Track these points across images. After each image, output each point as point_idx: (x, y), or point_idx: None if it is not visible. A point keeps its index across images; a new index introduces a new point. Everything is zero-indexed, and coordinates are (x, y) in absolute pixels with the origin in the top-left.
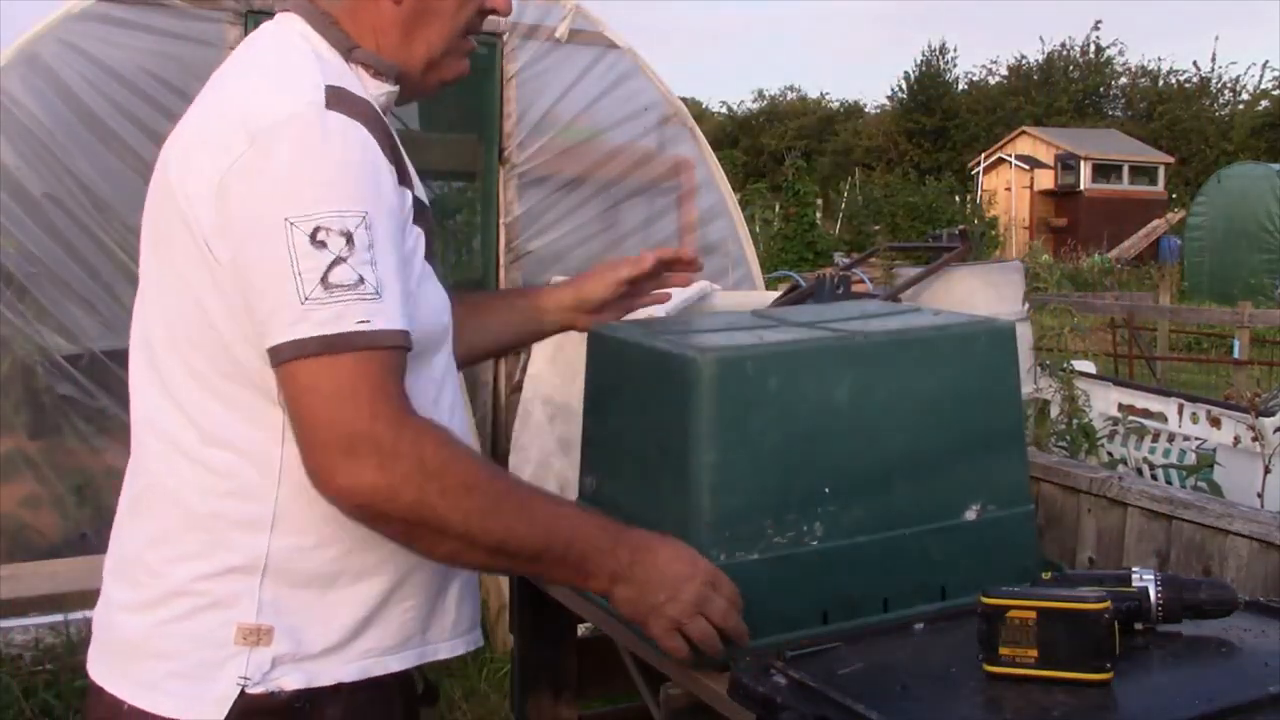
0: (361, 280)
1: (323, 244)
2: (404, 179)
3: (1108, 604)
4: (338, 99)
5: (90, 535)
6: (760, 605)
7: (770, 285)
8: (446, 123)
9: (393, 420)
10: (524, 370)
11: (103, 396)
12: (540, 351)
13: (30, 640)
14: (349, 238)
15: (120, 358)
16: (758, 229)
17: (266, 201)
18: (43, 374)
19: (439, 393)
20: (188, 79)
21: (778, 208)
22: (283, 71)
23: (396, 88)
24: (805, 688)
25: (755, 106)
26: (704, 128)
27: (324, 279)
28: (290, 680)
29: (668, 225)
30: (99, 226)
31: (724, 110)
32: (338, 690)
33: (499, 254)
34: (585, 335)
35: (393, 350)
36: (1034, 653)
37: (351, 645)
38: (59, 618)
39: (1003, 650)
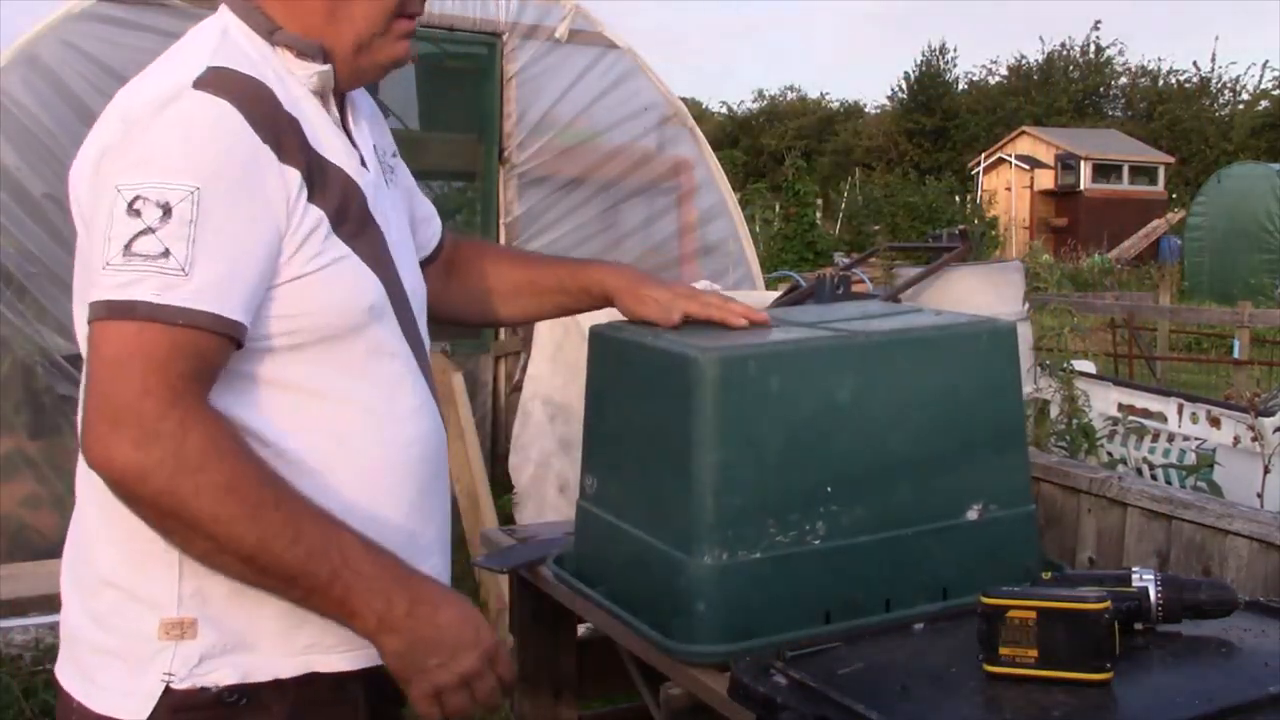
0: (166, 253)
1: (137, 212)
2: (286, 155)
3: (1107, 604)
4: (214, 78)
5: None
6: (762, 605)
7: (770, 285)
8: (446, 123)
9: (163, 400)
10: (524, 370)
11: None
12: (540, 351)
13: (30, 640)
14: (167, 209)
15: None
16: (758, 229)
17: (109, 174)
18: (43, 374)
19: (392, 388)
20: None
21: (778, 208)
22: (172, 58)
23: (327, 67)
24: (805, 688)
25: (755, 106)
26: (704, 128)
27: (127, 246)
28: (222, 675)
29: (668, 225)
30: None
31: (724, 110)
32: (279, 686)
33: None
34: (586, 334)
35: (190, 330)
36: (1034, 653)
37: (290, 639)
38: (58, 618)
39: (1003, 650)
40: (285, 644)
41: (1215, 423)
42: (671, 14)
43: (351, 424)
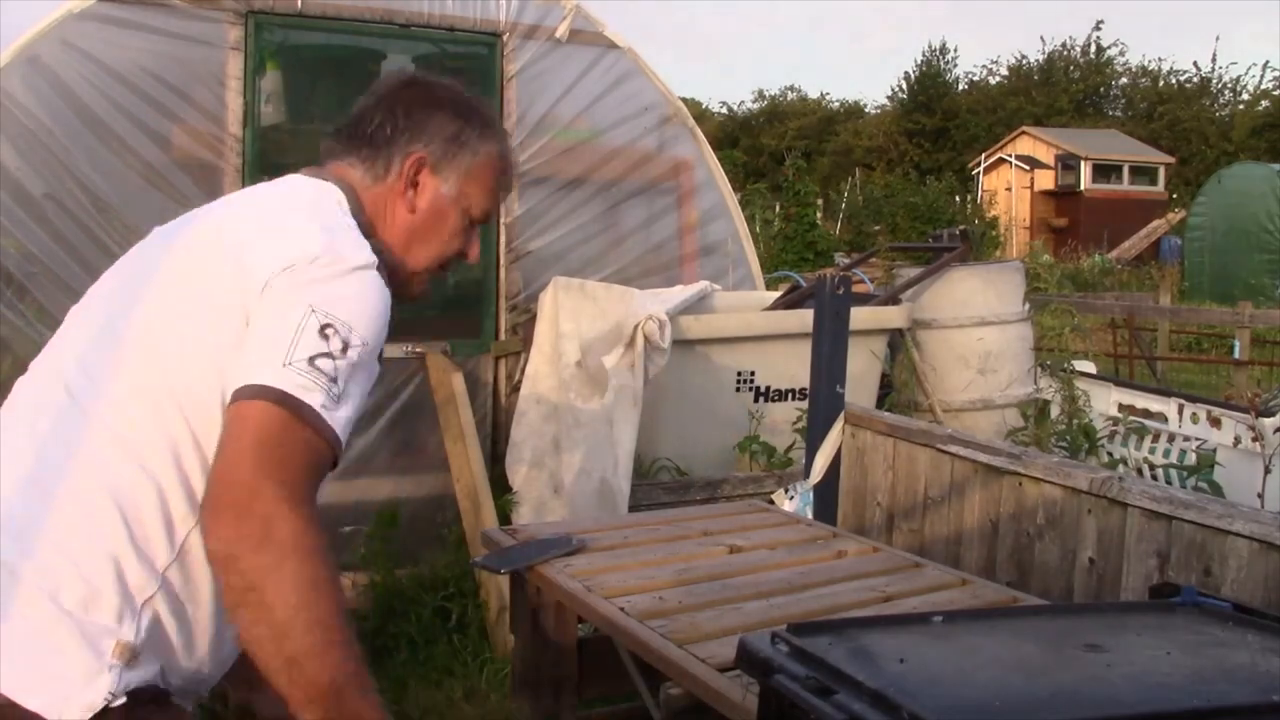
0: (335, 380)
1: (326, 337)
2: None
3: None
4: (380, 270)
5: None
6: None
7: (770, 285)
8: None
9: (281, 489)
10: (523, 370)
11: None
12: (539, 351)
13: None
14: (346, 346)
15: None
16: (758, 229)
17: (304, 289)
18: None
19: None
20: (188, 79)
21: (778, 208)
22: (344, 225)
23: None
24: (803, 654)
25: (755, 106)
26: (704, 128)
27: (312, 359)
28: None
29: (668, 225)
30: (99, 226)
31: (724, 110)
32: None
33: (499, 254)
34: (584, 332)
35: (323, 446)
36: None
37: (190, 682)
38: None
39: None
40: (187, 685)
41: (1216, 423)
42: (672, 14)
43: None
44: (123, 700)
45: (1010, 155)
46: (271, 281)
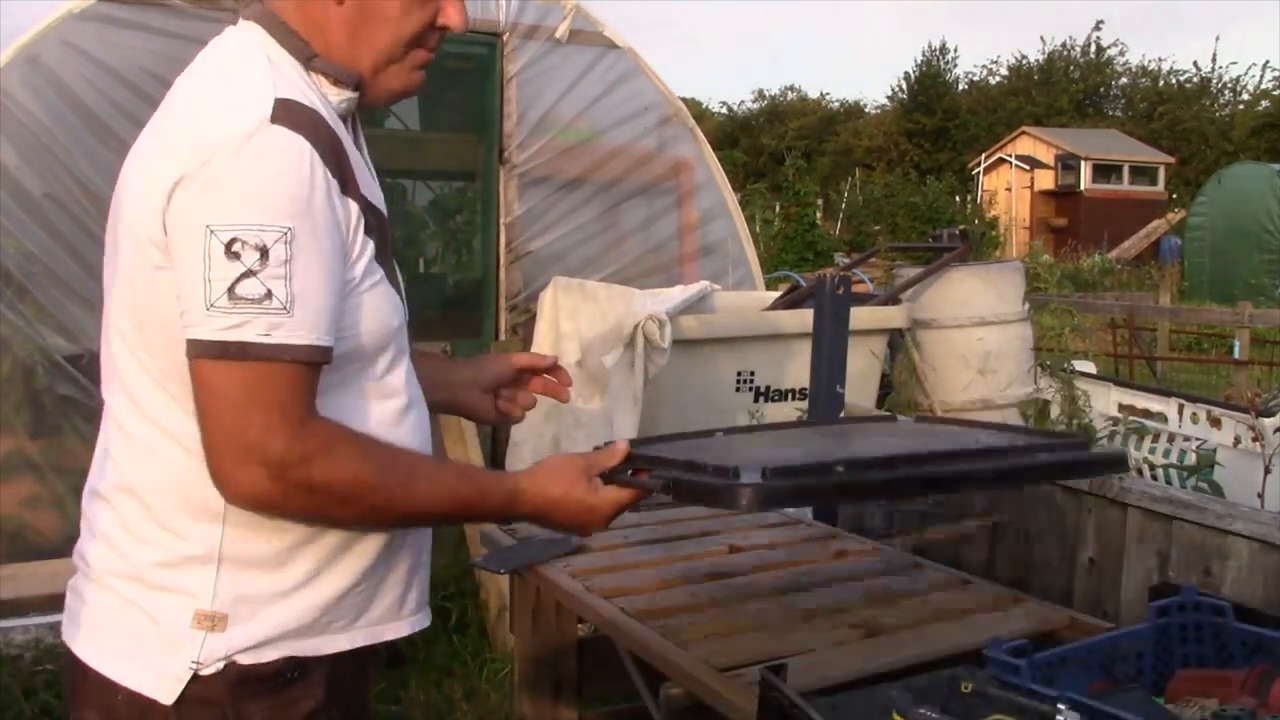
0: (269, 295)
1: (236, 255)
2: (348, 188)
3: None
4: (285, 111)
5: None
6: None
7: (770, 285)
8: (447, 123)
9: (285, 432)
10: None
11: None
12: (539, 349)
13: (30, 640)
14: (264, 252)
15: None
16: (758, 229)
17: (195, 209)
18: (43, 374)
19: (402, 405)
20: None
21: (778, 208)
22: (235, 85)
23: (356, 94)
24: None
25: (755, 106)
26: (704, 128)
27: (230, 289)
28: (244, 657)
29: (668, 225)
30: (99, 226)
31: (724, 110)
32: (317, 661)
33: (499, 254)
34: (584, 332)
35: (296, 365)
36: None
37: (312, 624)
38: (59, 618)
39: None
40: (300, 631)
41: (1216, 423)
42: (672, 14)
43: (394, 437)
44: (218, 668)
45: (1010, 155)
46: (165, 211)
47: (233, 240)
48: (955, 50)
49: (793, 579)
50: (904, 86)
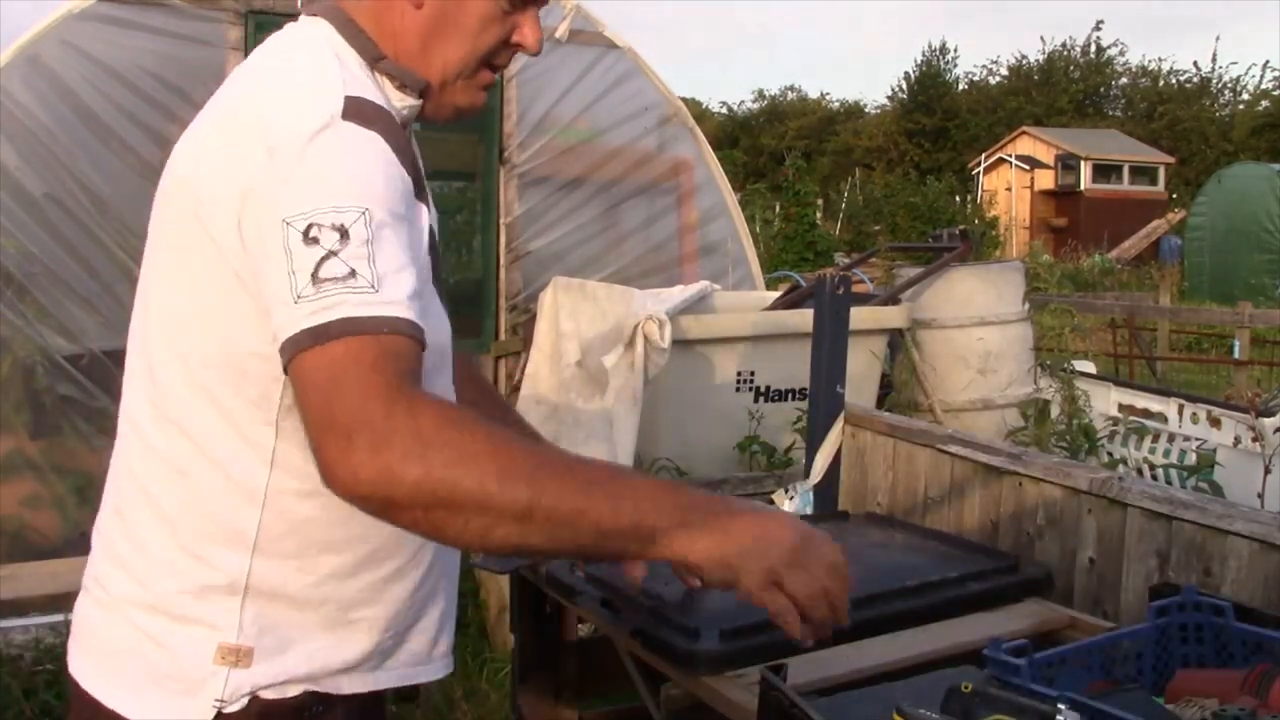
0: (354, 274)
1: (315, 240)
2: (420, 193)
3: None
4: (356, 110)
5: (90, 535)
6: None
7: (770, 285)
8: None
9: (385, 399)
10: (524, 370)
11: (103, 396)
12: (539, 351)
13: (30, 640)
14: (343, 232)
15: (120, 358)
16: (758, 229)
17: (271, 209)
18: (43, 374)
19: None
20: (188, 79)
21: (778, 208)
22: (304, 81)
23: (419, 102)
24: (597, 581)
25: (755, 106)
26: (704, 128)
27: (314, 275)
28: (265, 692)
29: (668, 225)
30: (99, 226)
31: (724, 110)
32: (342, 700)
33: (499, 254)
34: (584, 332)
35: (392, 336)
36: None
37: (340, 663)
38: (59, 618)
39: None
40: (322, 669)
41: (1216, 423)
42: (672, 13)
43: None
44: (242, 705)
45: (1010, 155)
46: (240, 213)
47: (309, 226)
48: (955, 50)
49: None
50: (904, 86)
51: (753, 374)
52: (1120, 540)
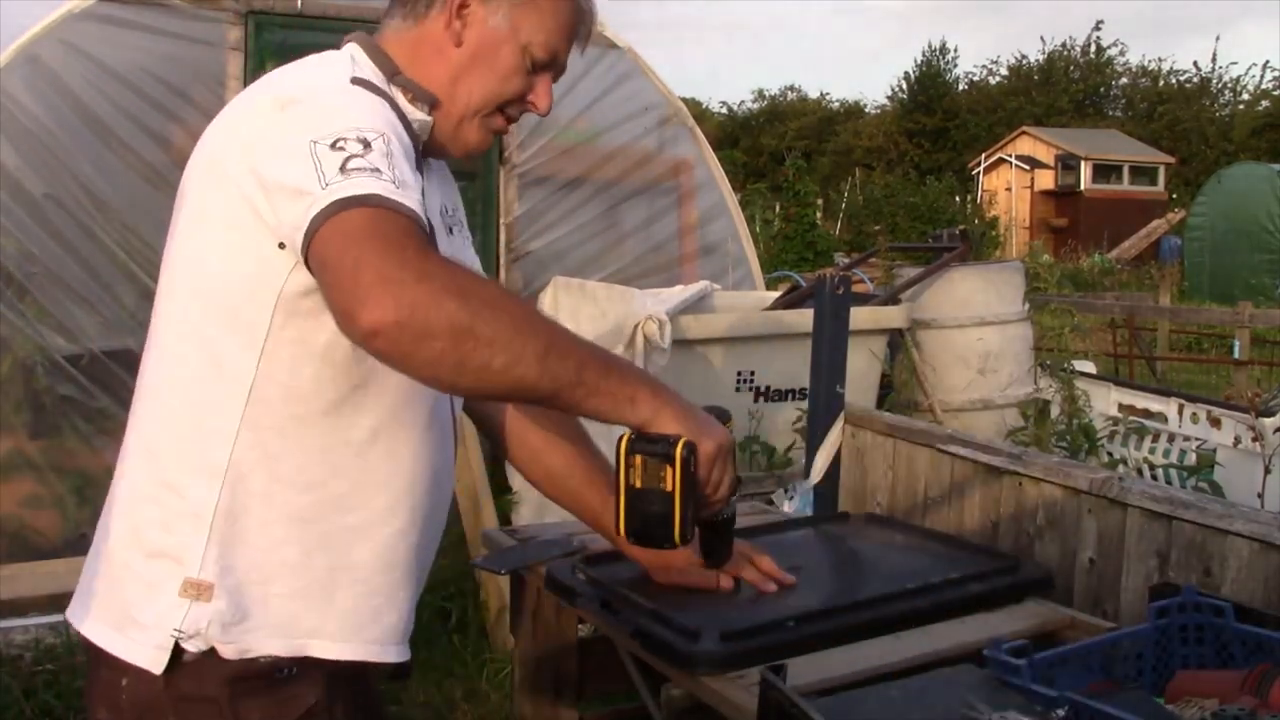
0: (378, 170)
1: (341, 148)
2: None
3: None
4: (364, 84)
5: (90, 535)
6: None
7: (770, 285)
8: None
9: (419, 248)
10: None
11: (103, 396)
12: None
13: (30, 640)
14: (365, 143)
15: (120, 357)
16: (758, 229)
17: (291, 134)
18: (43, 374)
19: (433, 426)
20: (188, 79)
21: (778, 208)
22: (314, 64)
23: (429, 119)
24: (596, 583)
25: (755, 106)
26: (704, 128)
27: (342, 167)
28: (225, 649)
29: (668, 225)
30: (99, 226)
31: (724, 110)
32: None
33: (499, 254)
34: (583, 332)
35: (413, 219)
36: None
37: (294, 622)
38: (59, 618)
39: None
40: (288, 626)
41: (1216, 423)
42: (672, 14)
43: (409, 444)
44: (199, 646)
45: (1010, 155)
46: (255, 145)
47: (336, 140)
48: (955, 50)
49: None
50: (904, 86)
51: (753, 374)
52: (1120, 540)
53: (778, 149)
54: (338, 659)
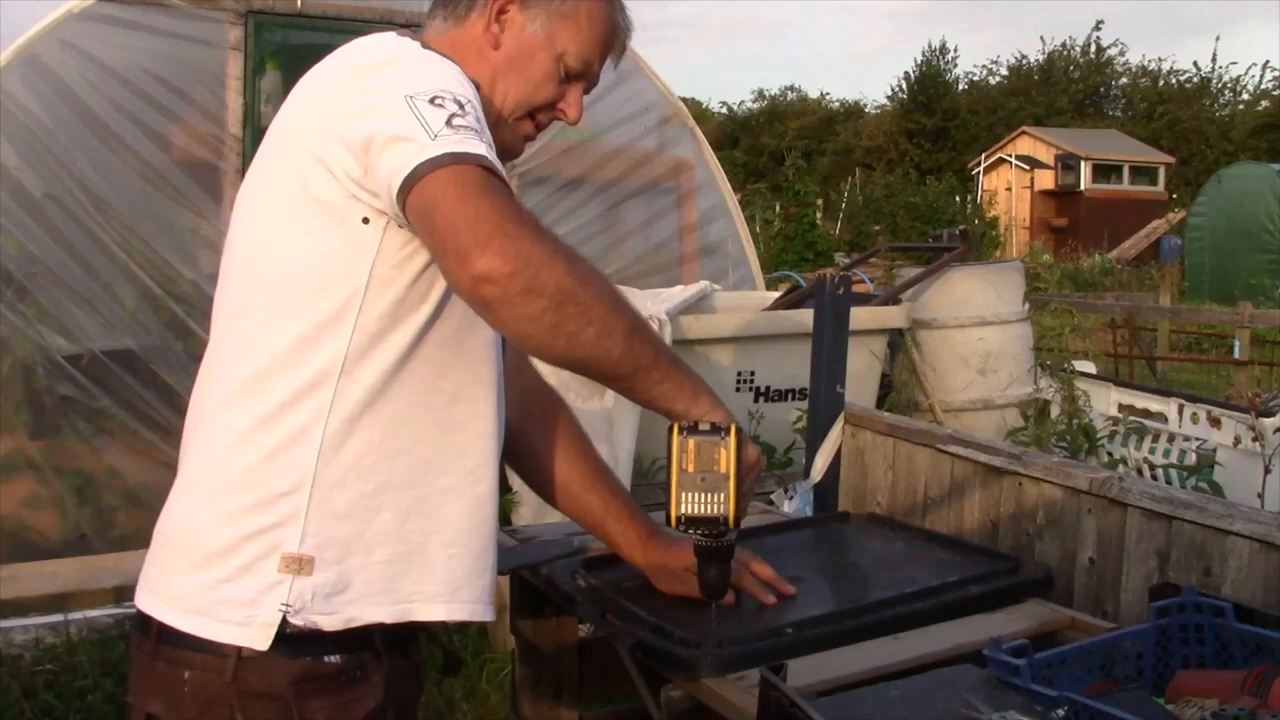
0: (477, 132)
1: (440, 105)
2: None
3: None
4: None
5: (90, 535)
6: None
7: (770, 285)
8: None
9: (529, 216)
10: None
11: (103, 396)
12: None
13: (30, 640)
14: (460, 105)
15: (120, 358)
16: (758, 229)
17: (385, 93)
18: (43, 374)
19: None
20: (188, 79)
21: (778, 208)
22: (380, 38)
23: None
24: (596, 591)
25: (755, 106)
26: (704, 128)
27: (448, 122)
28: (329, 620)
29: (668, 226)
30: (99, 226)
31: (724, 110)
32: (380, 633)
33: None
34: None
35: (509, 190)
36: None
37: (394, 587)
38: (59, 618)
39: None
40: (391, 592)
41: (1216, 423)
42: (672, 13)
43: (485, 406)
44: (304, 621)
45: (1010, 155)
46: (340, 109)
47: (434, 97)
48: (955, 50)
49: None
50: (904, 86)
51: (753, 374)
52: (1120, 540)
53: (778, 149)
54: (445, 620)
